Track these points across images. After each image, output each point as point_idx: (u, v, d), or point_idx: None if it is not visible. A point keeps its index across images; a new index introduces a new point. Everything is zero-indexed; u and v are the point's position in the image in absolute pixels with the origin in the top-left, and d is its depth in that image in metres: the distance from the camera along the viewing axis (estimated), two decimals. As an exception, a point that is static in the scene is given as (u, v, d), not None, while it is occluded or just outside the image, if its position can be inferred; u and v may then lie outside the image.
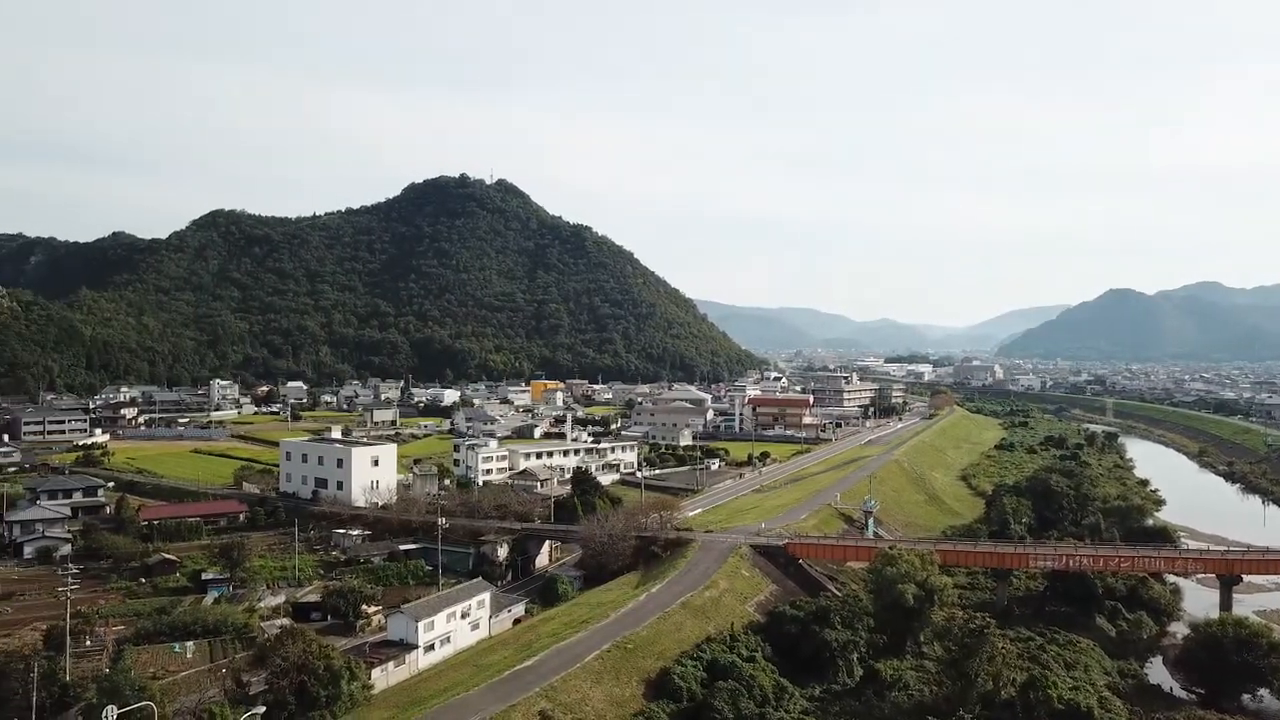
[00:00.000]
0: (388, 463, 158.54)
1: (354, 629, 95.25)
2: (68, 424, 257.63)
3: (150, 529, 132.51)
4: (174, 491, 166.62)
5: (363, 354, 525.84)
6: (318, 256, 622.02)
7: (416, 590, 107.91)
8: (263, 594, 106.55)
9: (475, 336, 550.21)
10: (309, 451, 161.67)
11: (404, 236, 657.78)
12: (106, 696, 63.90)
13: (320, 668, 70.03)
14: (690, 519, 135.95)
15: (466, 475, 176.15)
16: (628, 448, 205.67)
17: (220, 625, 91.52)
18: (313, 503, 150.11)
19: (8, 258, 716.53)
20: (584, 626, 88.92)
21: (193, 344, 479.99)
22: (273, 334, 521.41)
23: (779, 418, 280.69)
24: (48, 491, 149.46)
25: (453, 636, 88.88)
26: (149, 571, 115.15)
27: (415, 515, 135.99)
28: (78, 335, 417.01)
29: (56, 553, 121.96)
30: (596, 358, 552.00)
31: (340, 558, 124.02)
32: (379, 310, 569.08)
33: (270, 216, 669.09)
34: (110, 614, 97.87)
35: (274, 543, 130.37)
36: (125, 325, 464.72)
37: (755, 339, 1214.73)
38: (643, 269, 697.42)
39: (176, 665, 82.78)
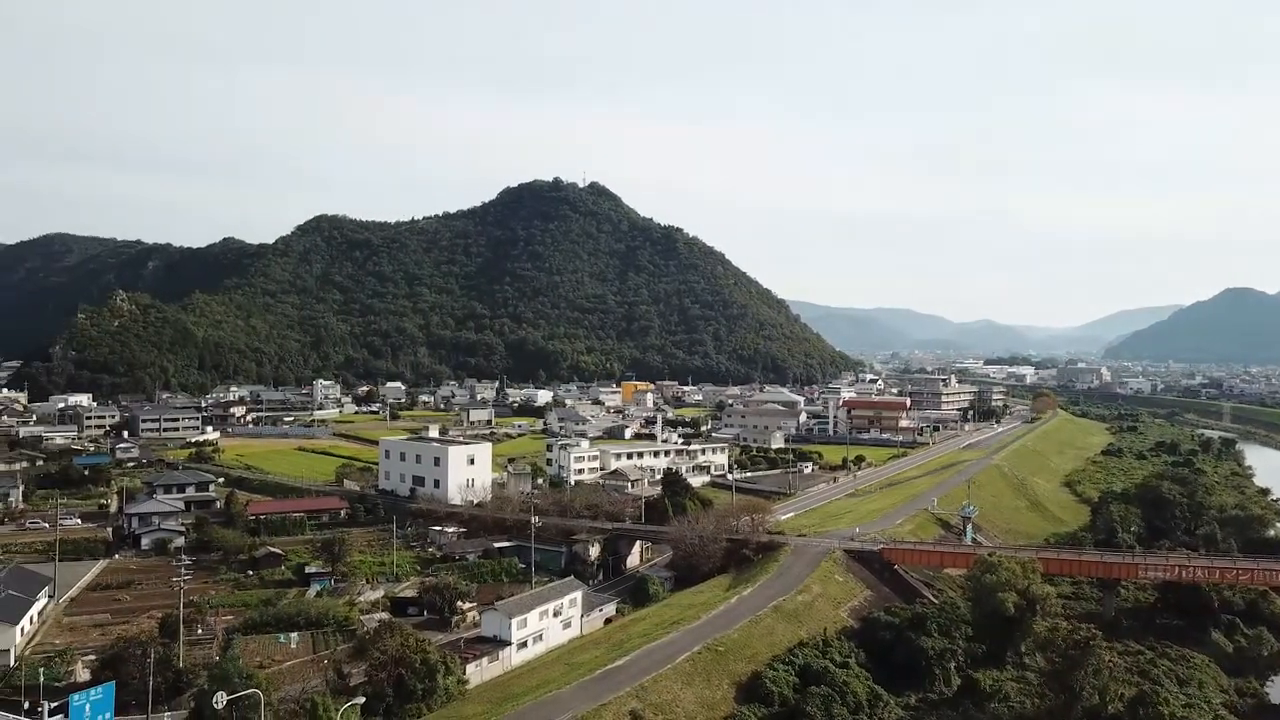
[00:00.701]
0: (483, 461, 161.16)
1: (449, 625, 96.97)
2: (181, 422, 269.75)
3: (257, 523, 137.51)
4: (279, 488, 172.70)
5: (459, 355, 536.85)
6: (416, 260, 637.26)
7: (510, 588, 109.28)
8: (362, 588, 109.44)
9: (567, 338, 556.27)
10: (407, 450, 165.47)
11: (499, 240, 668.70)
12: (217, 683, 66.51)
13: (417, 662, 71.61)
14: (782, 522, 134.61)
15: (559, 475, 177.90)
16: (718, 450, 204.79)
17: (322, 618, 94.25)
18: (410, 500, 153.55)
19: (127, 263, 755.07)
20: (675, 628, 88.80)
21: (297, 345, 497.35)
22: (373, 335, 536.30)
23: (874, 421, 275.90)
24: (163, 486, 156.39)
25: (545, 634, 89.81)
26: (256, 564, 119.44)
27: (509, 513, 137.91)
28: (191, 337, 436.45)
29: (171, 544, 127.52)
30: (687, 359, 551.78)
31: (436, 554, 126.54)
32: (475, 312, 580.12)
33: (370, 221, 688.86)
34: (220, 604, 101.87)
35: (373, 539, 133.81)
36: (235, 327, 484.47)
37: (849, 340, 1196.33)
38: (734, 270, 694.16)
39: (281, 655, 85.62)
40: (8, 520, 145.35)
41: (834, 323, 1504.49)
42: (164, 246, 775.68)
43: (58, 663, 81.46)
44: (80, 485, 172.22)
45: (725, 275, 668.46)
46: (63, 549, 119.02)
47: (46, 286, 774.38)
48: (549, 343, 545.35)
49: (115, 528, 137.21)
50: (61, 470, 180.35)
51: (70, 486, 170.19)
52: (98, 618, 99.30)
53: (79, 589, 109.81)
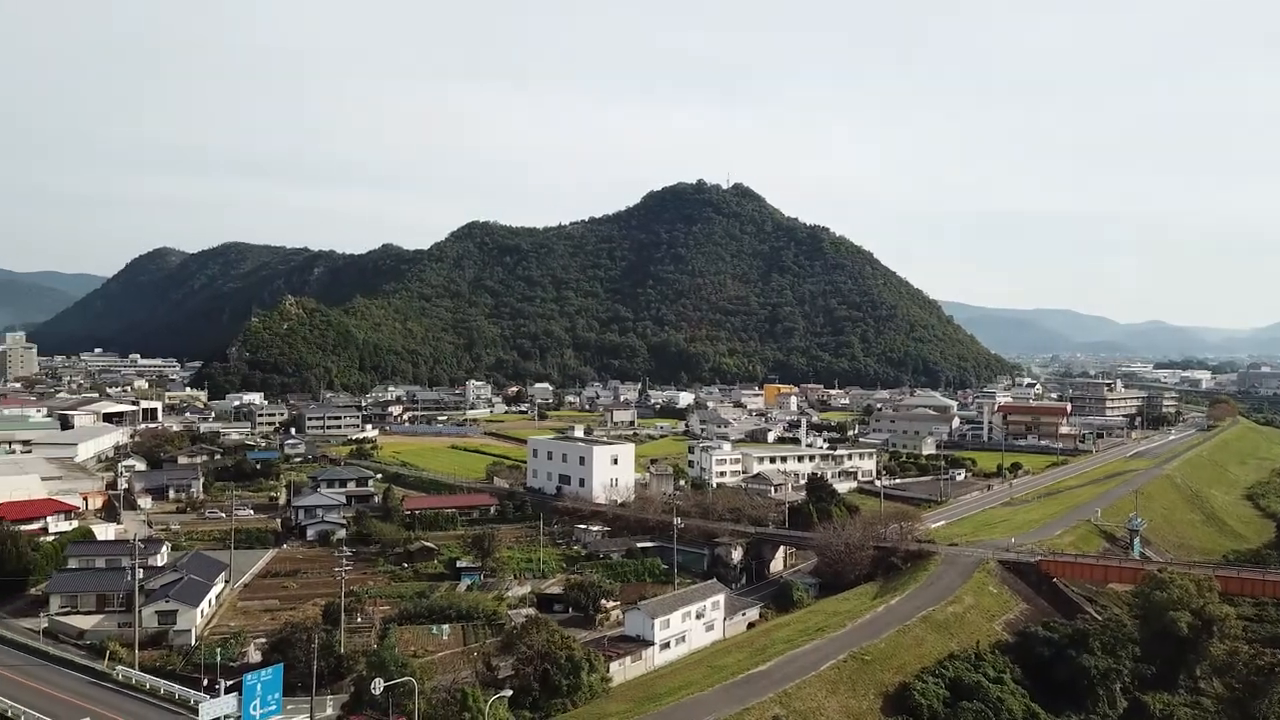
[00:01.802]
0: (626, 462, 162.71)
1: (593, 622, 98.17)
2: (343, 420, 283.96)
3: (412, 518, 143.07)
4: (433, 484, 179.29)
5: (603, 357, 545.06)
6: (563, 264, 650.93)
7: (653, 588, 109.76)
8: (510, 584, 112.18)
9: (709, 340, 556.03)
10: (554, 449, 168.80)
11: (642, 243, 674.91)
12: (374, 670, 69.45)
13: (562, 658, 72.78)
14: (932, 531, 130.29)
15: (701, 477, 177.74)
16: (865, 455, 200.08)
17: (472, 611, 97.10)
18: (556, 498, 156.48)
19: (295, 269, 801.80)
20: (819, 634, 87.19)
21: (451, 347, 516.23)
22: (522, 338, 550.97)
23: (1032, 427, 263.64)
24: (327, 480, 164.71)
25: (687, 636, 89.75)
26: (410, 557, 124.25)
27: (652, 514, 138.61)
28: (352, 339, 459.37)
29: (333, 536, 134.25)
30: (833, 361, 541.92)
31: (581, 552, 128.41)
32: (619, 315, 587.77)
33: (520, 227, 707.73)
34: (377, 595, 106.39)
35: (521, 535, 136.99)
36: (393, 330, 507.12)
37: (1006, 343, 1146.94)
38: (883, 269, 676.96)
39: (434, 646, 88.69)
40: (190, 509, 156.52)
41: (990, 324, 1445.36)
42: (328, 253, 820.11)
43: (232, 644, 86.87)
44: (252, 478, 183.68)
45: (874, 275, 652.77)
46: (237, 538, 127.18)
47: (224, 292, 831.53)
48: (691, 345, 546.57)
49: (283, 519, 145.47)
50: (236, 464, 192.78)
51: (244, 479, 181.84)
52: (268, 603, 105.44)
53: (251, 576, 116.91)
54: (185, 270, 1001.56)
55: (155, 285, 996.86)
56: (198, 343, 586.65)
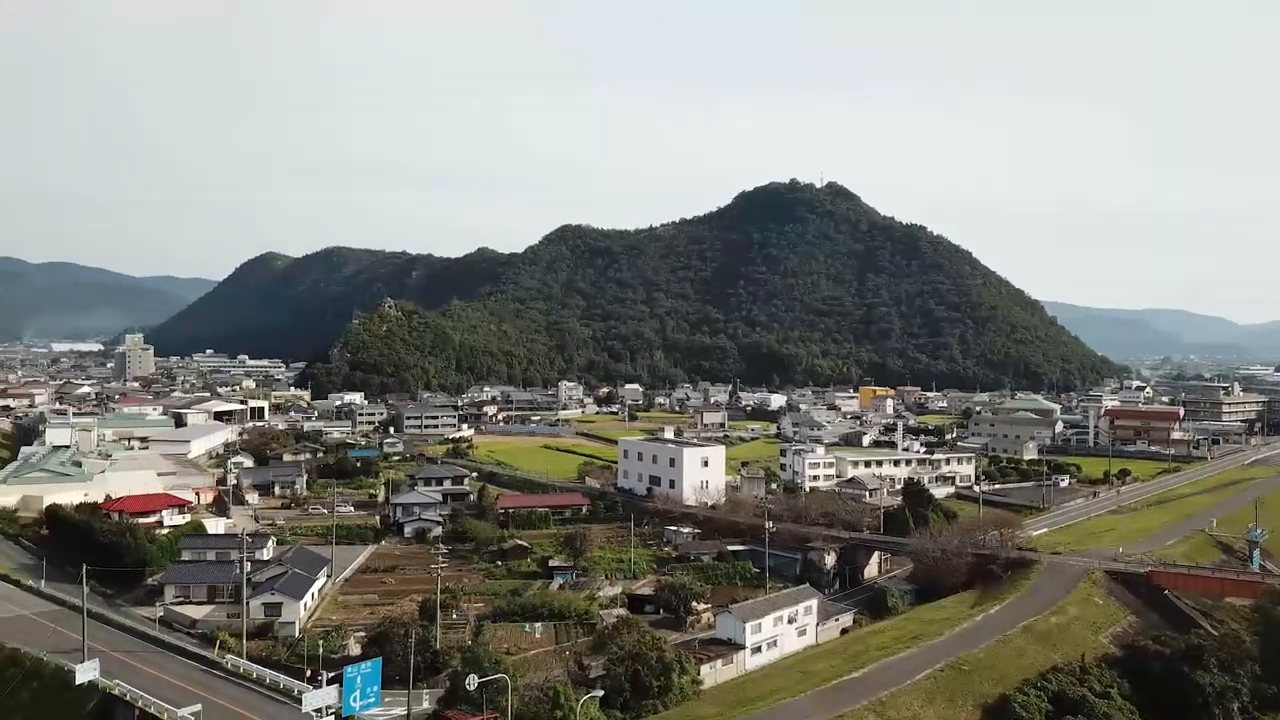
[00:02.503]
0: (717, 464, 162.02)
1: (684, 624, 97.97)
2: (440, 419, 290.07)
3: (506, 516, 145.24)
4: (526, 483, 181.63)
5: (694, 358, 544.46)
6: (654, 266, 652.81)
7: (744, 591, 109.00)
8: (601, 583, 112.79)
9: (802, 341, 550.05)
10: (644, 450, 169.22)
11: (734, 244, 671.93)
12: (469, 666, 70.54)
13: (653, 659, 72.76)
14: (1034, 538, 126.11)
15: (793, 480, 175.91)
16: (964, 459, 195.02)
17: (565, 610, 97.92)
18: (647, 499, 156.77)
19: (394, 273, 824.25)
20: (915, 643, 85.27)
21: (544, 349, 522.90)
22: (613, 339, 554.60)
23: (1141, 432, 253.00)
24: (424, 479, 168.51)
25: (779, 640, 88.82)
26: (504, 555, 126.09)
27: (743, 517, 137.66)
28: (449, 340, 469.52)
29: (430, 533, 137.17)
30: (930, 363, 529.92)
31: (672, 554, 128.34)
32: (709, 316, 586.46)
33: (611, 230, 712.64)
34: (472, 592, 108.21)
35: (612, 535, 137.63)
36: (488, 331, 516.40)
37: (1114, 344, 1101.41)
38: (983, 269, 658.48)
39: (526, 643, 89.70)
40: (294, 505, 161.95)
41: (1096, 325, 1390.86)
42: (426, 257, 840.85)
43: (334, 636, 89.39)
44: (353, 476, 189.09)
45: (973, 275, 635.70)
46: (337, 534, 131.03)
47: (327, 295, 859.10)
48: (783, 346, 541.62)
49: (382, 516, 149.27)
50: (338, 462, 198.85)
51: (345, 477, 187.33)
52: (367, 598, 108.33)
53: (352, 570, 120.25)
54: (290, 274, 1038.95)
55: (262, 289, 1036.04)
56: (302, 344, 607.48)
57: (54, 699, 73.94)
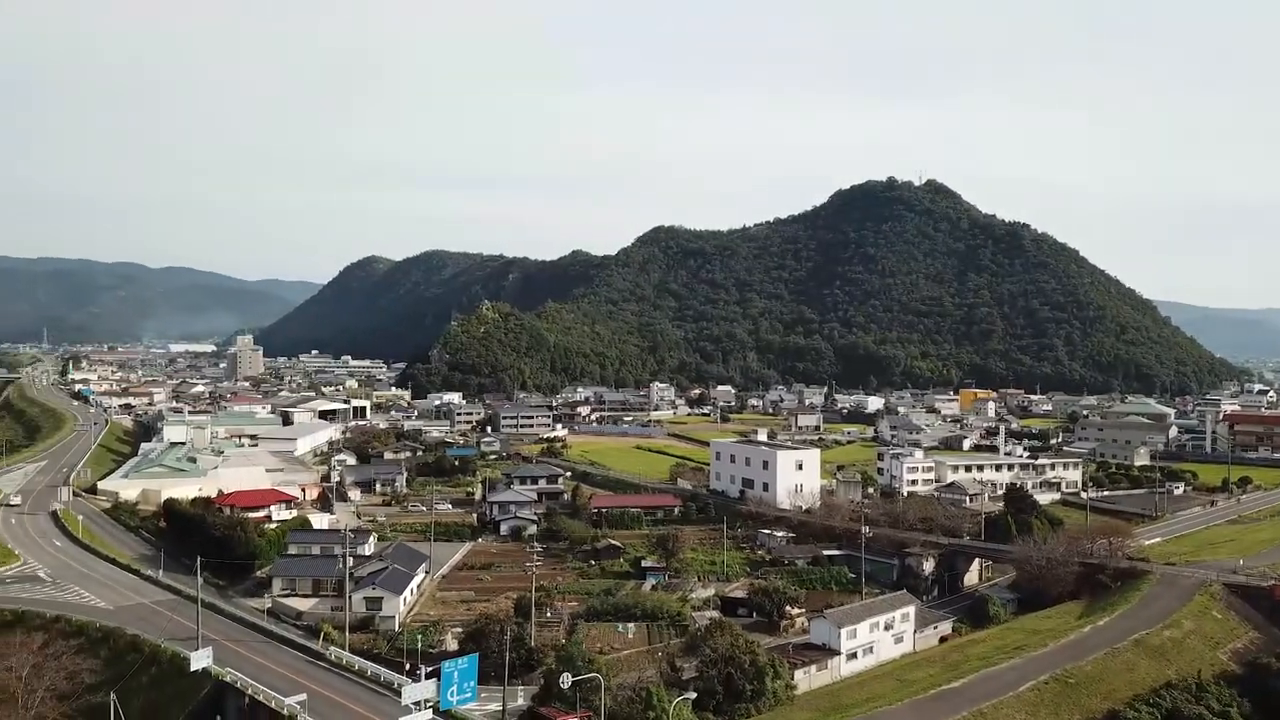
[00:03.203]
0: (811, 467, 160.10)
1: (777, 628, 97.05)
2: (535, 419, 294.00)
3: (599, 516, 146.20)
4: (619, 483, 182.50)
5: (788, 360, 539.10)
6: (747, 266, 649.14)
7: (839, 596, 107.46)
8: (694, 585, 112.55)
9: (900, 342, 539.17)
10: (737, 453, 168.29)
11: (829, 243, 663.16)
12: (563, 664, 71.20)
13: (746, 662, 72.20)
14: (1146, 548, 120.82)
15: (890, 484, 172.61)
16: (1070, 465, 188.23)
17: (657, 611, 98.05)
18: (740, 501, 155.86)
19: (491, 276, 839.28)
20: (1018, 653, 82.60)
21: (636, 350, 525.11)
22: (705, 340, 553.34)
23: (1265, 438, 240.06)
24: (519, 478, 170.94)
25: (875, 647, 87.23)
26: (597, 555, 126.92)
27: (838, 521, 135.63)
28: (544, 342, 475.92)
29: (524, 531, 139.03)
30: (1034, 365, 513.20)
31: (765, 557, 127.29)
32: (804, 317, 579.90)
33: (704, 230, 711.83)
34: (566, 590, 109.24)
35: (704, 537, 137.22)
36: (581, 333, 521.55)
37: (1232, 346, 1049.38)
38: (1090, 267, 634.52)
39: (619, 643, 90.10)
40: (394, 503, 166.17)
41: (1215, 326, 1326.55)
42: (522, 260, 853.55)
43: (432, 632, 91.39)
44: (451, 474, 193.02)
45: (1079, 273, 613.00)
46: (436, 531, 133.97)
47: (426, 297, 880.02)
48: (880, 347, 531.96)
49: (479, 514, 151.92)
50: (436, 460, 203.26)
51: (443, 475, 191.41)
52: (464, 594, 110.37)
53: (449, 567, 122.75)
54: (392, 277, 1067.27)
55: (365, 291, 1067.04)
56: (402, 345, 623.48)
57: (171, 684, 77.38)
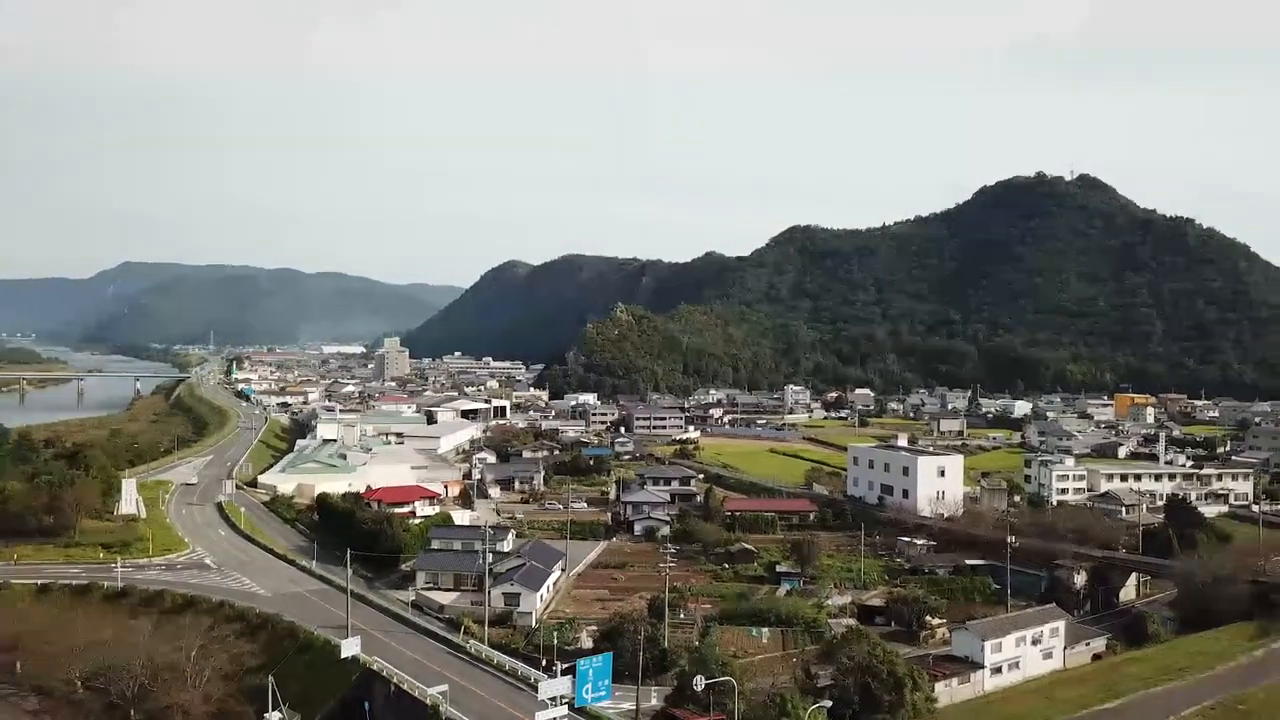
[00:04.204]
0: (954, 474, 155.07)
1: (916, 638, 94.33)
2: (668, 421, 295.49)
3: (732, 519, 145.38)
4: (752, 487, 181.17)
5: (929, 362, 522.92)
6: (886, 266, 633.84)
7: (982, 608, 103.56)
8: (830, 592, 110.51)
9: (1050, 345, 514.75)
10: (875, 458, 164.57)
11: (974, 242, 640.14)
12: (696, 666, 71.08)
13: (884, 672, 70.27)
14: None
15: (1039, 493, 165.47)
16: (1239, 476, 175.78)
17: (792, 616, 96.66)
18: (878, 508, 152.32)
19: (625, 279, 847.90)
20: (1180, 675, 77.63)
21: (770, 352, 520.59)
22: (842, 342, 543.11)
23: None
24: (652, 478, 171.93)
25: (1021, 662, 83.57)
26: (730, 558, 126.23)
27: (982, 530, 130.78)
28: (676, 344, 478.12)
29: (658, 532, 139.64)
30: (1198, 369, 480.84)
31: (904, 565, 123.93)
32: (947, 318, 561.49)
33: (841, 229, 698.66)
34: (699, 593, 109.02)
35: (840, 543, 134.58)
36: (714, 335, 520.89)
37: None
38: (1262, 264, 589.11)
39: (753, 648, 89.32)
40: (531, 500, 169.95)
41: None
42: (655, 262, 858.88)
43: (567, 629, 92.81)
44: (586, 474, 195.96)
45: (1250, 270, 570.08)
46: (572, 529, 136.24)
47: (563, 300, 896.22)
48: (1028, 350, 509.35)
49: (613, 513, 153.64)
50: (572, 460, 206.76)
51: (579, 474, 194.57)
52: (598, 592, 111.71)
53: (584, 566, 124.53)
54: (530, 281, 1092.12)
55: (505, 295, 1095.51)
56: (540, 347, 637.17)
57: (323, 670, 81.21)
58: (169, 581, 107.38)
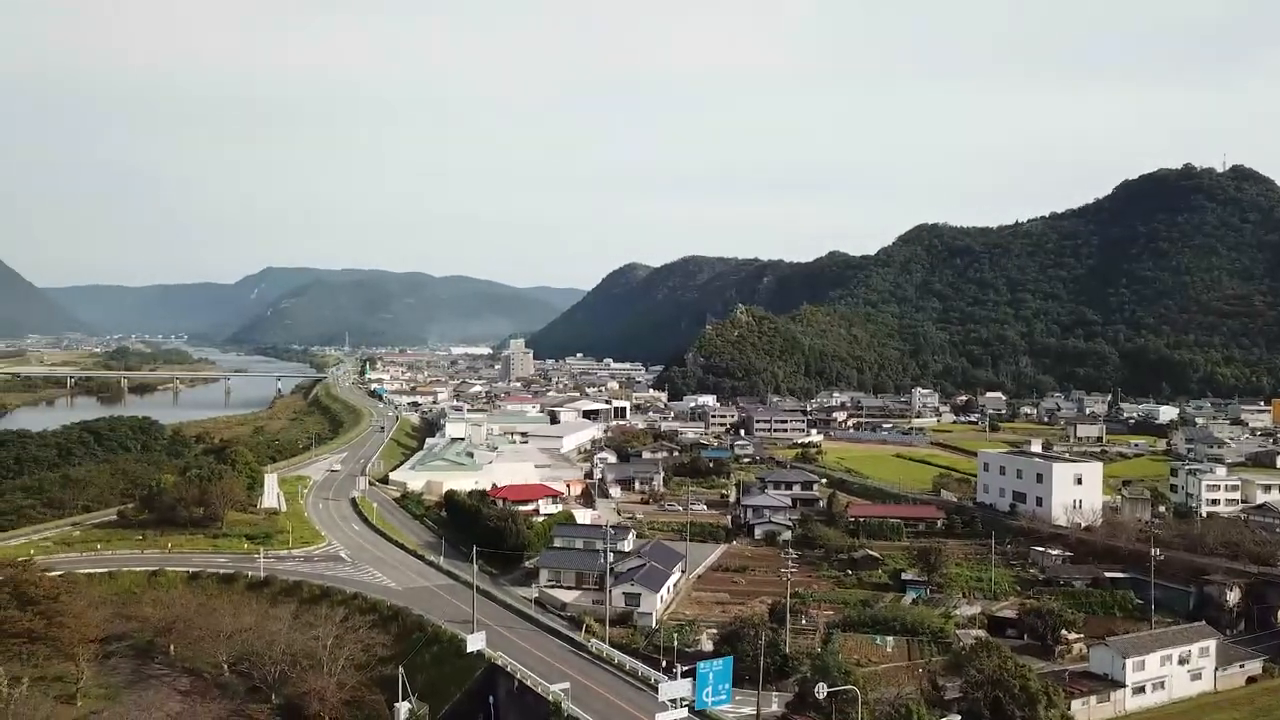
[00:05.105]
0: (1092, 482, 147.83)
1: (1051, 653, 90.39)
2: (789, 424, 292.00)
3: (856, 525, 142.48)
4: (876, 492, 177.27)
5: (1065, 365, 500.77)
6: (1019, 265, 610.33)
7: (1122, 624, 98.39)
8: (958, 602, 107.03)
9: (1198, 346, 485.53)
10: (1007, 464, 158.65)
11: (1114, 239, 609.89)
12: (818, 673, 69.87)
13: (1016, 687, 67.60)
14: None
15: (1186, 504, 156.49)
16: None
17: (917, 625, 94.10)
18: (1010, 516, 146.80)
19: (745, 279, 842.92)
20: (1349, 705, 71.86)
21: (896, 353, 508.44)
22: (972, 344, 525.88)
23: None
24: (773, 482, 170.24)
25: (1166, 682, 79.18)
26: (854, 564, 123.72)
27: (1123, 542, 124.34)
28: (798, 345, 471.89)
29: (779, 536, 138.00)
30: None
31: (1038, 576, 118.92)
32: (1084, 319, 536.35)
33: (971, 227, 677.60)
34: (821, 599, 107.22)
35: (969, 552, 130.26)
36: (837, 336, 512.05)
37: None
38: None
39: (877, 657, 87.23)
40: (651, 501, 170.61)
41: None
42: (776, 262, 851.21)
43: (687, 630, 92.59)
44: (705, 475, 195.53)
45: None
46: (691, 531, 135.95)
47: (683, 302, 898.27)
48: (1174, 352, 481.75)
49: (733, 516, 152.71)
50: (692, 461, 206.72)
51: (698, 476, 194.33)
52: (718, 595, 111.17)
53: (704, 568, 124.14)
54: (650, 283, 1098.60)
55: (625, 296, 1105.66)
56: (660, 348, 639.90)
57: (449, 662, 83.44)
58: (306, 573, 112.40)
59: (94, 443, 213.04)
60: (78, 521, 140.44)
